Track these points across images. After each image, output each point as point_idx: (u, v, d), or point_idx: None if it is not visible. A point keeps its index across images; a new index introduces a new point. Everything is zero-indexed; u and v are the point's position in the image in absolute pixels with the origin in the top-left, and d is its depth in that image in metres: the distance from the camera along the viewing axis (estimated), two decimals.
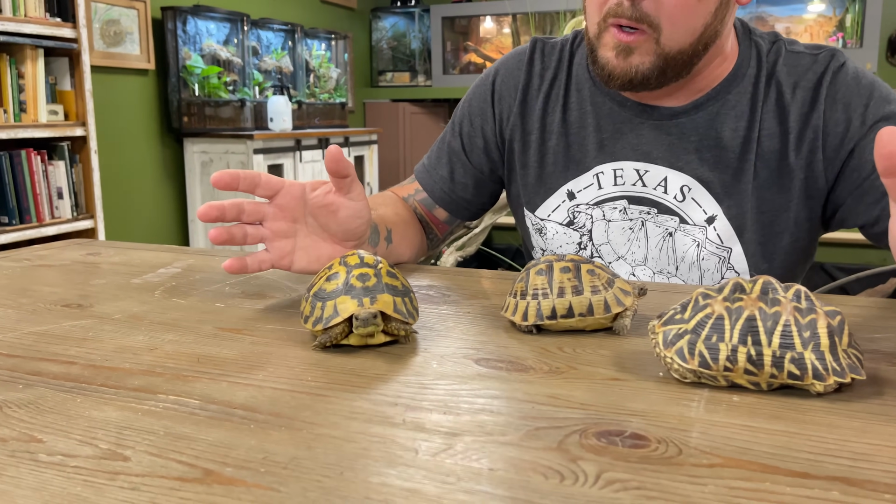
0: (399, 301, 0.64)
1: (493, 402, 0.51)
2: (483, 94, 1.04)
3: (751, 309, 0.52)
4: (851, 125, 0.84)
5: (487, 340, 0.65)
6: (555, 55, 1.00)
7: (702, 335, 0.53)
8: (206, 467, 0.42)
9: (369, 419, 0.49)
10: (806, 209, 0.89)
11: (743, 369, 0.51)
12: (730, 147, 0.89)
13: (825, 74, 0.86)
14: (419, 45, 5.52)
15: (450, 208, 1.07)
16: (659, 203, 0.92)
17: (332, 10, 5.16)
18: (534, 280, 0.66)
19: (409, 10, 5.49)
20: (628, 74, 0.84)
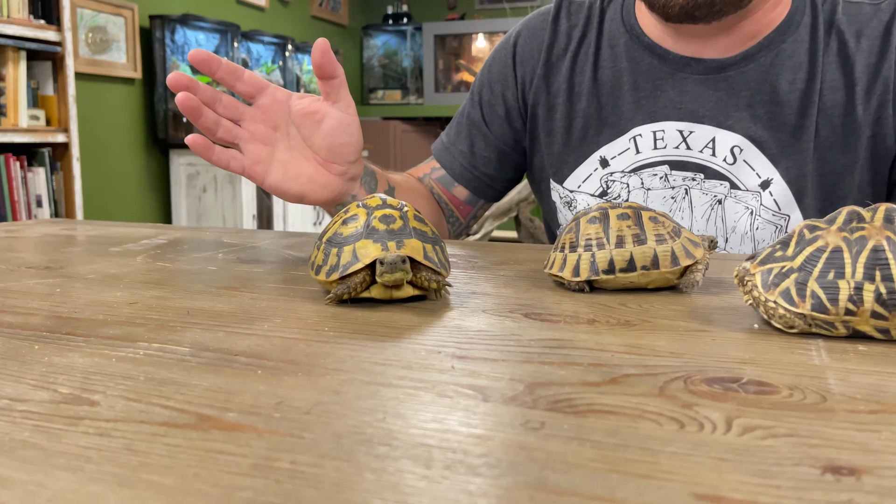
0: (429, 248, 0.54)
1: (559, 351, 0.41)
2: (504, 58, 0.94)
3: (876, 238, 0.42)
4: None
5: (534, 297, 0.55)
6: (583, 13, 0.91)
7: (814, 273, 0.43)
8: (202, 412, 0.32)
9: (409, 365, 0.38)
10: (871, 172, 0.80)
11: (870, 312, 0.42)
12: (787, 102, 0.80)
13: (892, 23, 0.77)
14: (411, 63, 5.46)
15: (471, 185, 0.97)
16: (706, 167, 0.83)
17: (323, 25, 5.10)
18: (586, 229, 0.56)
19: (401, 29, 5.44)
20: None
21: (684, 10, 0.75)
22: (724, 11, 0.76)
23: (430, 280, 0.53)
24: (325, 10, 5.05)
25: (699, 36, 0.81)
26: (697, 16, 0.76)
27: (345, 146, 0.71)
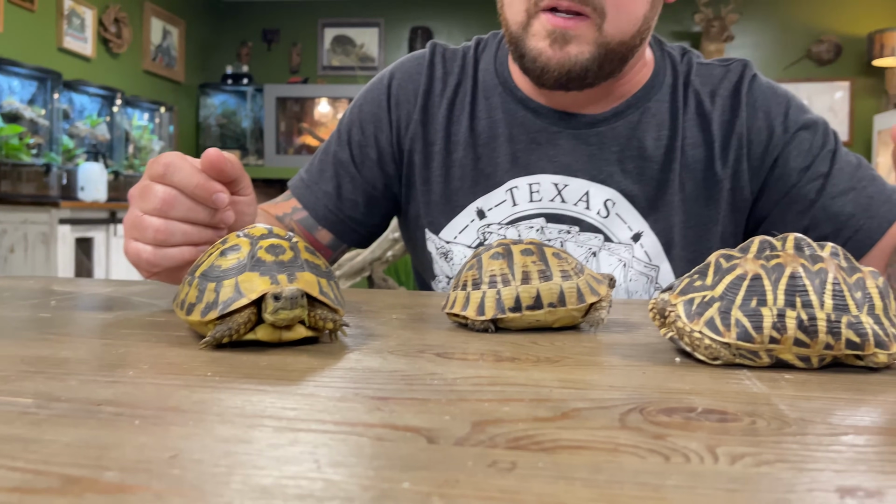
0: (324, 283, 0.48)
1: (492, 388, 0.36)
2: (377, 99, 0.91)
3: (792, 266, 0.42)
4: (774, 132, 0.81)
5: (439, 338, 0.50)
6: (457, 61, 0.90)
7: (736, 301, 0.42)
8: (67, 473, 0.24)
9: (325, 409, 0.32)
10: (732, 223, 0.84)
11: (793, 339, 0.41)
12: (653, 157, 0.82)
13: (741, 83, 0.83)
14: (251, 125, 5.32)
15: (336, 230, 0.91)
16: (580, 220, 0.83)
17: (156, 81, 4.86)
18: (489, 265, 0.53)
19: (241, 89, 5.31)
20: (566, 65, 0.75)
21: (558, 81, 0.77)
22: (594, 83, 0.78)
23: (325, 319, 0.46)
24: (158, 64, 4.82)
25: (571, 95, 0.82)
26: (570, 86, 0.78)
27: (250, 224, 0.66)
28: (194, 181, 0.57)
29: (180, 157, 0.58)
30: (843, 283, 0.42)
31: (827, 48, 4.84)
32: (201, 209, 0.58)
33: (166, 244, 0.58)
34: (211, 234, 0.60)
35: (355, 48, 5.36)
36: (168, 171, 0.57)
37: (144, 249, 0.58)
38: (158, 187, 0.57)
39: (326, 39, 5.38)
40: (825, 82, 4.87)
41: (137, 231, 0.58)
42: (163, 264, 0.58)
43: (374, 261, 2.12)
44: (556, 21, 0.73)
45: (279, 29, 5.42)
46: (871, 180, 0.80)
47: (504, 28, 0.81)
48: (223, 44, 5.47)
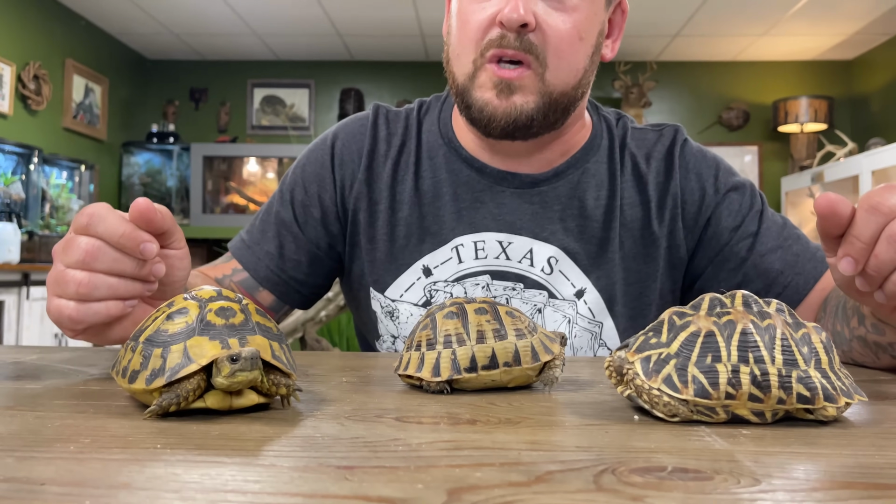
0: (276, 346, 0.46)
1: (459, 453, 0.35)
2: (320, 159, 0.90)
3: (743, 322, 0.44)
4: (706, 194, 0.85)
5: (394, 401, 0.49)
6: (400, 122, 0.91)
7: (692, 357, 0.43)
8: None
9: (291, 481, 0.30)
10: (670, 280, 0.86)
11: (748, 394, 0.42)
12: (593, 216, 0.85)
13: (674, 146, 0.87)
14: (176, 183, 5.21)
15: (278, 291, 0.89)
16: (525, 277, 0.84)
17: (77, 138, 4.72)
18: (444, 325, 0.52)
19: (167, 148, 5.21)
20: (511, 114, 0.77)
21: (505, 130, 0.79)
22: (539, 132, 0.81)
23: (278, 384, 0.45)
24: (80, 122, 4.69)
25: (514, 152, 0.84)
26: (516, 135, 0.80)
27: (180, 280, 0.63)
28: (120, 231, 0.54)
29: (106, 207, 0.55)
30: (790, 339, 0.43)
31: (736, 115, 5.15)
32: (128, 260, 0.55)
33: (90, 298, 0.55)
34: (139, 287, 0.57)
35: (285, 108, 5.37)
36: (92, 222, 0.54)
37: (67, 305, 0.55)
38: (82, 239, 0.55)
39: (256, 99, 5.37)
40: (735, 146, 5.16)
41: (60, 286, 0.55)
42: (87, 320, 0.55)
43: (307, 321, 2.08)
44: (502, 72, 0.76)
45: (207, 88, 5.39)
46: (797, 239, 0.84)
47: (451, 82, 0.82)
48: (149, 102, 5.39)
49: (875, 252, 0.50)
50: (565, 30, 0.76)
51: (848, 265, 0.51)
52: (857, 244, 0.51)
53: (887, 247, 0.49)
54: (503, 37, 0.75)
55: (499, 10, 0.75)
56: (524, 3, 0.74)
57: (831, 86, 5.07)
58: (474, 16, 0.77)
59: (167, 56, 5.33)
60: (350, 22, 4.46)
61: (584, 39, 0.78)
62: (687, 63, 5.15)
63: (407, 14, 4.27)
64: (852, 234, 0.51)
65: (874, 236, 0.50)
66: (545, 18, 0.76)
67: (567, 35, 0.76)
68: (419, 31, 4.60)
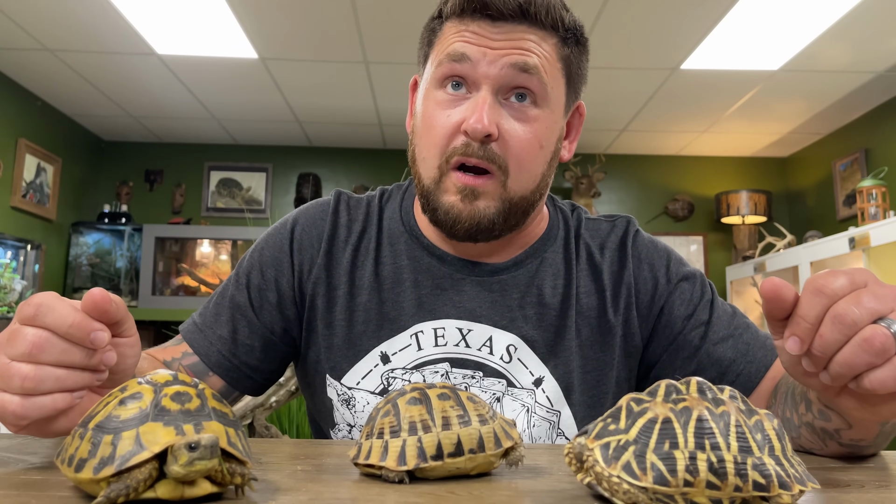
0: (232, 433, 0.45)
1: None
2: (279, 243, 0.91)
3: (698, 409, 0.44)
4: (658, 283, 0.88)
5: (351, 492, 0.48)
6: (361, 209, 0.93)
7: (650, 444, 0.44)
8: None
9: None
10: (626, 368, 0.87)
11: (705, 482, 0.42)
12: (551, 304, 0.86)
13: (626, 237, 0.90)
14: (126, 264, 5.10)
15: (229, 376, 0.87)
16: (485, 365, 0.84)
17: (25, 217, 4.62)
18: (408, 411, 0.52)
19: (118, 228, 5.14)
20: (475, 217, 0.79)
21: (469, 232, 0.81)
22: (500, 234, 0.83)
23: (234, 473, 0.44)
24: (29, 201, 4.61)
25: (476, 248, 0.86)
26: (479, 238, 0.83)
27: (130, 367, 0.61)
28: (69, 321, 0.52)
29: (54, 296, 0.54)
30: (744, 426, 0.44)
31: (682, 206, 5.34)
32: (77, 350, 0.53)
33: (36, 392, 0.52)
34: (88, 377, 0.55)
35: (241, 191, 5.37)
36: (40, 312, 0.52)
37: (11, 401, 0.52)
38: (28, 330, 0.52)
39: (212, 182, 5.37)
40: (682, 236, 5.33)
41: (3, 381, 0.52)
42: (32, 415, 0.52)
43: (257, 407, 2.02)
44: (466, 179, 0.78)
45: (163, 169, 5.38)
46: (746, 328, 0.86)
47: (417, 182, 0.84)
48: (102, 182, 5.35)
49: (820, 332, 0.52)
50: (526, 139, 0.79)
51: (794, 344, 0.53)
52: (803, 324, 0.52)
53: (832, 327, 0.51)
54: (468, 145, 0.78)
55: (464, 119, 0.78)
56: (488, 115, 0.77)
57: (769, 181, 5.33)
58: (439, 121, 0.80)
59: (123, 137, 5.33)
60: (309, 109, 4.55)
61: (544, 147, 0.81)
62: (634, 156, 5.37)
63: (366, 104, 4.38)
64: (798, 314, 0.53)
65: (819, 317, 0.52)
66: (507, 129, 0.79)
67: (528, 144, 0.79)
68: (377, 120, 4.71)
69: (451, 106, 0.80)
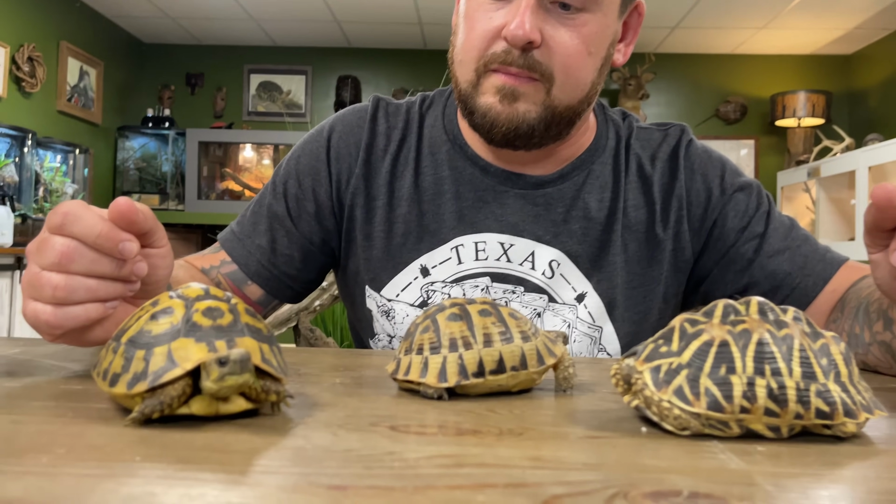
0: (266, 349, 0.44)
1: (460, 471, 0.33)
2: (315, 151, 0.88)
3: (759, 332, 0.41)
4: (712, 195, 0.83)
5: (389, 407, 0.47)
6: (401, 115, 0.89)
7: (705, 368, 0.41)
8: None
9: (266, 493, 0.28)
10: (674, 283, 0.84)
11: (763, 409, 0.40)
12: (596, 219, 0.83)
13: (679, 147, 0.85)
14: (171, 168, 5.16)
15: (268, 286, 0.87)
16: (526, 280, 0.82)
17: (71, 122, 4.67)
18: (448, 327, 0.50)
19: (162, 132, 5.16)
20: (514, 121, 0.74)
21: (506, 137, 0.76)
22: (541, 143, 0.79)
23: (268, 390, 0.42)
24: (74, 105, 4.64)
25: (518, 157, 0.82)
26: (517, 144, 0.78)
27: (163, 279, 0.59)
28: (97, 230, 0.50)
29: (81, 205, 0.52)
30: (809, 350, 0.41)
31: (734, 108, 5.12)
32: (107, 261, 0.52)
33: (68, 302, 0.51)
34: (120, 288, 0.53)
35: (281, 95, 5.32)
36: (67, 221, 0.51)
37: (44, 310, 0.51)
38: (57, 239, 0.51)
39: (252, 85, 5.32)
40: (732, 140, 5.13)
41: (35, 290, 0.51)
42: (65, 325, 0.51)
43: (301, 311, 2.05)
44: (507, 78, 0.73)
45: (203, 73, 5.34)
46: (805, 240, 0.82)
47: (454, 85, 0.80)
48: (144, 86, 5.34)
49: None
50: (573, 46, 0.73)
51: None
52: None
53: None
54: (508, 52, 0.72)
55: (505, 24, 0.72)
56: (530, 20, 0.71)
57: (829, 80, 5.05)
58: (480, 24, 0.74)
59: (163, 40, 5.27)
60: (348, 8, 4.41)
61: (594, 54, 0.75)
62: (685, 55, 5.12)
63: (405, 2, 4.22)
64: None
65: None
66: (552, 35, 0.73)
67: (575, 51, 0.73)
68: (417, 19, 4.56)
69: (494, 8, 0.74)
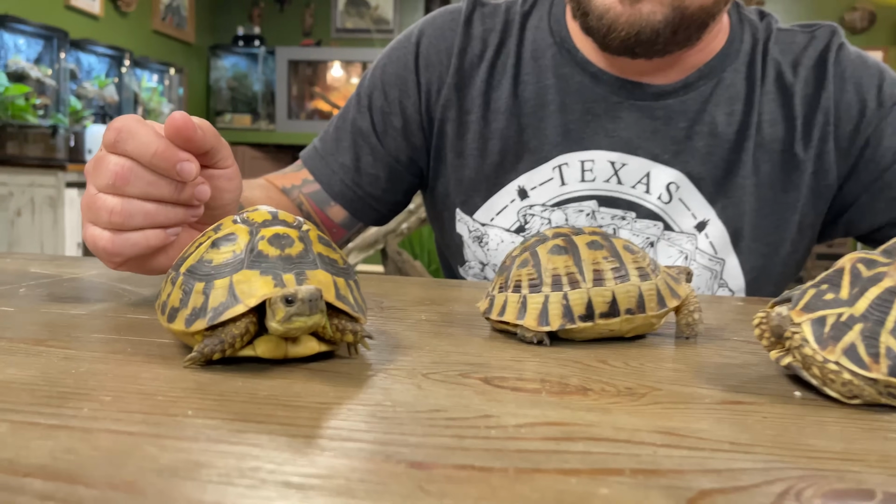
0: (342, 284, 0.38)
1: (571, 447, 0.27)
2: (403, 59, 0.80)
3: None
4: (866, 108, 0.70)
5: (482, 352, 0.40)
6: (499, 17, 0.79)
7: (887, 323, 0.32)
8: None
9: (347, 490, 0.22)
10: (813, 211, 0.73)
11: None
12: (724, 135, 0.72)
13: (828, 52, 0.72)
14: (262, 88, 5.18)
15: (351, 207, 0.81)
16: (638, 205, 0.73)
17: (166, 41, 4.73)
18: (550, 262, 0.43)
19: (252, 51, 5.16)
20: (635, 25, 0.64)
21: (625, 43, 0.66)
22: (666, 50, 0.68)
23: (344, 330, 0.37)
24: (168, 24, 4.69)
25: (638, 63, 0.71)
26: (638, 52, 0.67)
27: (229, 203, 0.54)
28: (152, 149, 0.45)
29: (136, 120, 0.46)
30: None
31: (861, 16, 4.64)
32: (164, 183, 0.47)
33: (125, 228, 0.46)
34: (181, 213, 0.48)
35: (369, 10, 5.19)
36: (120, 138, 0.46)
37: (101, 236, 0.47)
38: (111, 158, 0.46)
39: (340, 0, 5.21)
40: None
41: (92, 213, 0.47)
42: (124, 252, 0.47)
43: (389, 233, 2.02)
44: None
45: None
46: None
47: None
48: (234, 3, 5.32)
49: None
50: None
51: None
52: None
53: None
54: None
55: None
56: None
57: None
58: None
59: None
60: None
61: None
62: None
63: None
64: None
65: None
66: None
67: None
68: None
69: None
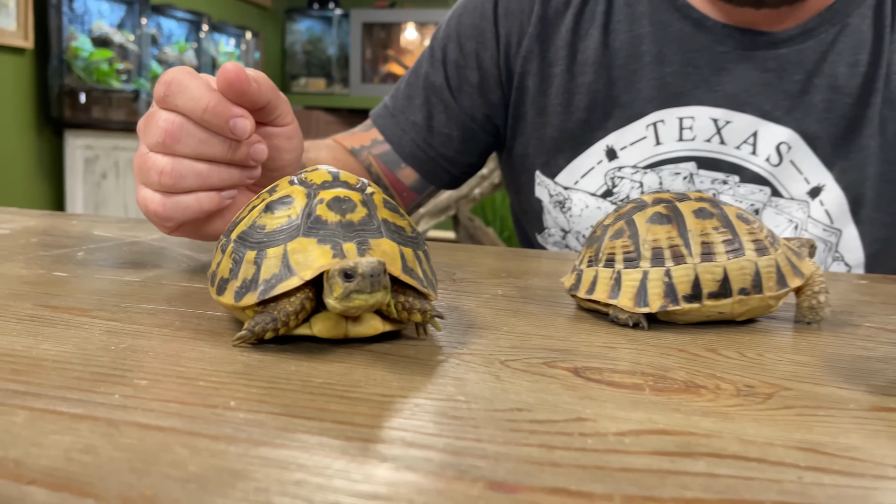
0: (410, 255, 0.33)
1: (690, 465, 0.21)
2: (480, 8, 0.74)
3: None
4: None
5: (569, 336, 0.35)
6: None
7: None
8: None
9: (395, 492, 0.18)
10: None
11: None
12: (846, 89, 0.63)
13: None
14: (336, 52, 5.17)
15: (423, 169, 0.76)
16: (743, 168, 0.65)
17: (243, 5, 4.77)
18: (650, 232, 0.37)
19: (327, 14, 5.15)
20: None
21: None
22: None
23: (411, 309, 0.32)
24: None
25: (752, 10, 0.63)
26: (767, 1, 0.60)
27: (290, 163, 0.50)
28: (203, 103, 0.41)
29: (187, 72, 0.42)
30: None
31: None
32: (217, 141, 0.43)
33: (177, 190, 0.43)
34: (236, 174, 0.45)
35: None
36: (170, 92, 0.42)
37: (152, 199, 0.43)
38: (161, 114, 0.42)
39: None
40: None
41: (143, 174, 0.43)
42: (176, 217, 0.44)
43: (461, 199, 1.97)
44: None
45: None
46: None
47: None
48: None
49: None
50: None
51: None
52: None
53: None
54: None
55: None
56: None
57: None
58: None
59: None
60: None
61: None
62: None
63: None
64: None
65: None
66: None
67: None
68: None
69: None
